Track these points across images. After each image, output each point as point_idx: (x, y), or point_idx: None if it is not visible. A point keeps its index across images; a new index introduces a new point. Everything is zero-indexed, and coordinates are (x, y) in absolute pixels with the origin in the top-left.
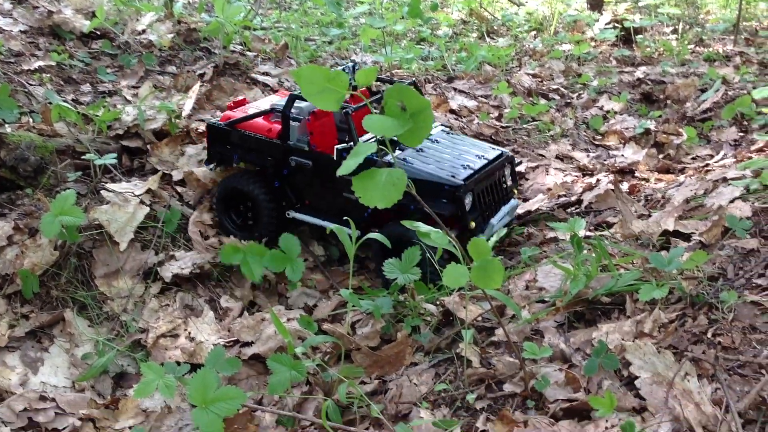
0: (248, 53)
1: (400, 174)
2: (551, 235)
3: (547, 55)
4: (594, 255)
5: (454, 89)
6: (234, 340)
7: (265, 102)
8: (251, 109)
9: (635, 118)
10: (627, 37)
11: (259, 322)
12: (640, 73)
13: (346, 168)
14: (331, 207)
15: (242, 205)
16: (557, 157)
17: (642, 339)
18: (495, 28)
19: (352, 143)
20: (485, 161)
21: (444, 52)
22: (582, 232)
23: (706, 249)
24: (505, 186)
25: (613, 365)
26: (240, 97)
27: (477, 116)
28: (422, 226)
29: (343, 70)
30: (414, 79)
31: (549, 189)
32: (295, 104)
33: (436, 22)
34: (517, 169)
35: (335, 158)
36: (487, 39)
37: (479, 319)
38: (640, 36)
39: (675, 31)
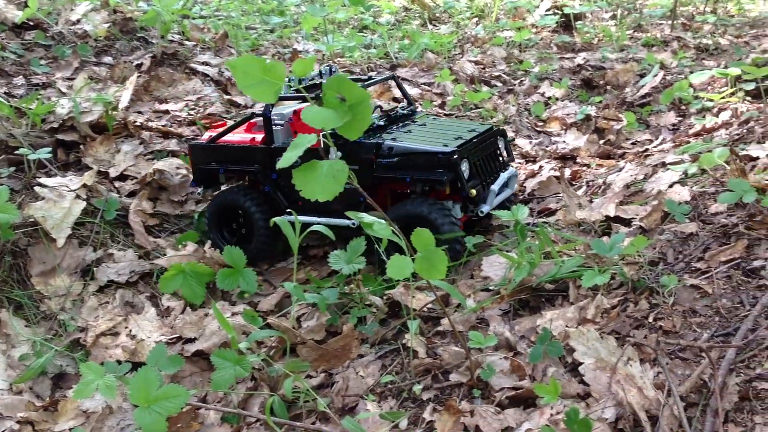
0: (187, 43)
1: (341, 166)
2: (496, 223)
3: (489, 42)
4: (537, 242)
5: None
6: (176, 337)
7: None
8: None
9: (576, 104)
10: (567, 23)
11: (202, 318)
12: (580, 59)
13: (286, 160)
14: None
15: (234, 220)
16: None
17: (585, 325)
18: (437, 15)
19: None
20: (476, 133)
21: (386, 39)
22: (525, 220)
23: (646, 234)
24: (501, 158)
25: (557, 352)
26: (220, 121)
27: (420, 104)
28: (366, 217)
29: (321, 72)
30: (394, 74)
31: None
32: (275, 110)
33: (378, 9)
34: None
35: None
36: (430, 26)
37: (425, 309)
38: (579, 22)
39: (614, 17)
